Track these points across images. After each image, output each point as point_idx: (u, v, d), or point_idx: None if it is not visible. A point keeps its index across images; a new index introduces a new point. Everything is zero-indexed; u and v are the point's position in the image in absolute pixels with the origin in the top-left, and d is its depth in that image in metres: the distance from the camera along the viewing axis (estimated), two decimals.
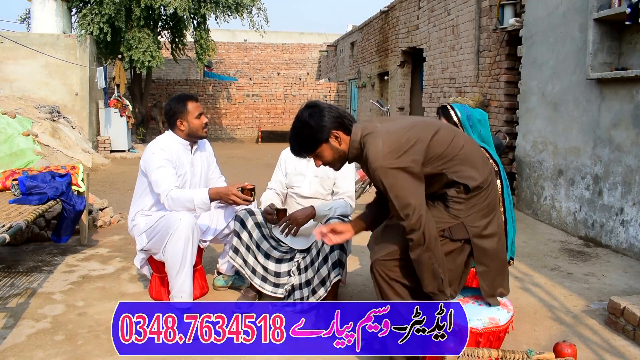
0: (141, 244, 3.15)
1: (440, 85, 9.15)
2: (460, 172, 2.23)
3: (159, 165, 3.00)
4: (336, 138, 2.23)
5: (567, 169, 5.24)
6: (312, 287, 3.01)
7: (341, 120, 2.23)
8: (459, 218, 2.27)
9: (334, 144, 2.24)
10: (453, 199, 2.27)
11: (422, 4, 10.12)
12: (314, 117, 2.21)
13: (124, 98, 12.28)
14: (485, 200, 2.29)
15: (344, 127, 2.24)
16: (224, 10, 13.30)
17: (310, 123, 2.21)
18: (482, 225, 2.29)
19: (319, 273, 2.97)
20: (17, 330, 2.83)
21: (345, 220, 3.05)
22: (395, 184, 2.09)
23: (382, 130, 2.17)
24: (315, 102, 2.29)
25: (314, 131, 2.21)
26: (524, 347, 2.64)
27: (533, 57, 5.81)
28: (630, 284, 3.74)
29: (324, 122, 2.21)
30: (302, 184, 3.27)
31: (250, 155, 12.87)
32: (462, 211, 2.27)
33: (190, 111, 3.11)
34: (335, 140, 2.24)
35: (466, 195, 2.25)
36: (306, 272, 3.07)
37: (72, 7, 12.33)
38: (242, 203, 2.92)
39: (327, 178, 3.23)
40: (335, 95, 18.85)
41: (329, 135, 2.22)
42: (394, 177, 2.09)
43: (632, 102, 4.41)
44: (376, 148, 2.11)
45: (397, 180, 2.09)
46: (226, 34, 25.73)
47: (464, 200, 2.26)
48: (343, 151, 2.26)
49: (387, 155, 2.09)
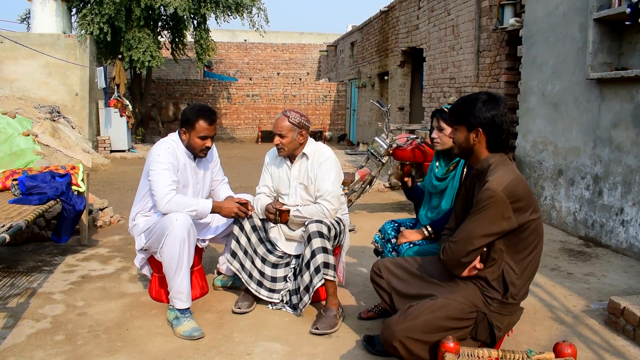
0: (140, 244, 3.16)
1: (440, 85, 9.15)
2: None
3: (162, 168, 3.00)
4: (477, 136, 2.24)
5: (567, 169, 5.24)
6: (299, 294, 3.02)
7: (495, 131, 2.23)
8: (488, 307, 2.25)
9: (470, 137, 2.25)
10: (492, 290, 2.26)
11: (422, 4, 10.12)
12: (486, 105, 2.22)
13: (124, 98, 12.29)
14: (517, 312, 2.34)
15: (491, 138, 2.24)
16: (224, 10, 13.30)
17: (477, 105, 2.23)
18: (505, 323, 2.30)
19: (302, 279, 2.96)
20: (17, 330, 2.83)
21: (324, 222, 2.99)
22: (486, 216, 2.12)
23: (519, 176, 2.19)
24: (500, 98, 2.28)
25: (468, 111, 2.24)
26: (524, 347, 2.64)
27: (533, 57, 5.81)
28: (630, 284, 3.74)
29: (482, 115, 2.21)
30: (289, 191, 3.22)
31: (250, 155, 12.88)
32: (494, 305, 2.25)
33: (197, 129, 3.08)
34: (474, 137, 2.25)
35: (501, 298, 2.25)
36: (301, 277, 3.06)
37: (72, 7, 12.33)
38: (242, 216, 3.13)
39: (311, 184, 3.14)
40: (335, 95, 18.85)
41: (473, 128, 2.24)
42: (493, 210, 2.11)
43: (632, 102, 4.41)
44: (504, 178, 2.14)
45: (490, 214, 2.12)
46: (226, 34, 25.72)
47: (500, 302, 2.25)
48: (471, 149, 2.28)
49: (506, 190, 2.11)
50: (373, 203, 6.59)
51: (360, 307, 3.21)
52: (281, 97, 18.70)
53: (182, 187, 3.15)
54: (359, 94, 16.06)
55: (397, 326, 2.19)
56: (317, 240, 2.91)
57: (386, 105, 5.98)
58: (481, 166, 2.26)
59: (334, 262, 2.96)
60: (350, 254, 4.23)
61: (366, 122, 15.28)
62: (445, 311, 2.19)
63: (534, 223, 2.20)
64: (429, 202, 3.00)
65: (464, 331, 2.23)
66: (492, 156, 2.24)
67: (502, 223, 2.13)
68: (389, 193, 7.21)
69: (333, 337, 2.81)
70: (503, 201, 2.10)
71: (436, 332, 2.15)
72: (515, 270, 2.23)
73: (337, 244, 3.13)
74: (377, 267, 2.57)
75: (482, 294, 2.24)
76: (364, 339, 2.69)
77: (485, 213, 2.12)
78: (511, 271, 2.23)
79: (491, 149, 2.25)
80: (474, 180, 2.32)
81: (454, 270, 2.24)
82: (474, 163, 2.31)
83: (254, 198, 3.33)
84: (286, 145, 3.11)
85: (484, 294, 2.24)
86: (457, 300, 2.21)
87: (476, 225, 2.14)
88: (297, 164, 3.20)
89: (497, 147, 2.25)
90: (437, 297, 2.25)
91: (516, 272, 2.23)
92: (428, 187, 2.99)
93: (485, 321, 2.23)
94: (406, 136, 5.73)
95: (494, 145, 2.24)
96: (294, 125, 3.09)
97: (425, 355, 2.20)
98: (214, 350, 2.65)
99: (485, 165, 2.24)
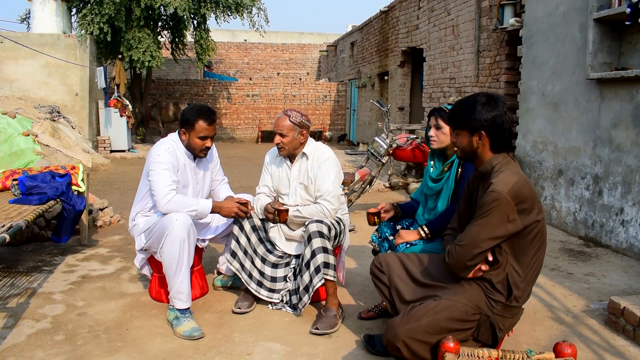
0: (140, 244, 3.16)
1: (440, 85, 9.15)
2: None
3: (161, 168, 3.00)
4: (480, 139, 2.23)
5: (567, 169, 5.24)
6: (299, 294, 3.02)
7: (497, 132, 2.21)
8: (492, 309, 2.24)
9: (474, 141, 2.24)
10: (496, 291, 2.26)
11: (422, 4, 10.12)
12: (486, 106, 2.20)
13: (124, 98, 12.28)
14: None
15: (494, 139, 2.22)
16: (224, 10, 13.30)
17: (477, 107, 2.20)
18: (506, 325, 2.30)
19: (302, 279, 2.96)
20: (17, 330, 2.83)
21: (325, 222, 2.98)
22: (492, 219, 2.11)
23: (524, 178, 2.18)
24: (498, 98, 2.25)
25: (469, 115, 2.22)
26: (524, 347, 2.64)
27: (533, 57, 5.81)
28: (630, 284, 3.74)
29: (483, 117, 2.19)
30: (288, 191, 3.22)
31: (250, 155, 12.88)
32: (497, 307, 2.25)
33: (197, 130, 3.08)
34: (477, 140, 2.23)
35: (505, 301, 2.25)
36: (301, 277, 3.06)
37: (72, 7, 12.33)
38: (242, 216, 3.12)
39: (311, 184, 3.14)
40: (335, 95, 18.85)
41: (475, 132, 2.22)
42: (498, 213, 2.10)
43: (632, 102, 4.41)
44: (509, 180, 2.13)
45: (496, 218, 2.11)
46: (226, 34, 25.72)
47: (503, 305, 2.25)
48: (475, 152, 2.26)
49: (511, 192, 2.10)
50: (373, 203, 6.59)
51: (360, 307, 3.21)
52: (281, 97, 18.69)
53: (182, 187, 3.15)
54: (359, 94, 16.05)
55: (401, 327, 2.19)
56: (317, 240, 2.91)
57: (386, 105, 5.99)
58: (485, 168, 2.25)
59: (334, 262, 2.96)
60: (350, 254, 4.23)
61: (366, 122, 15.28)
62: (449, 313, 2.19)
63: (539, 225, 2.19)
64: (425, 204, 3.01)
65: (466, 333, 2.23)
66: (496, 157, 2.24)
67: (508, 225, 2.13)
68: (389, 193, 7.21)
69: (333, 337, 2.81)
70: (508, 203, 2.09)
71: (439, 334, 2.15)
72: (520, 273, 2.23)
73: (337, 244, 3.13)
74: (379, 262, 2.57)
75: (486, 296, 2.24)
76: (364, 339, 2.69)
77: (491, 216, 2.11)
78: (515, 274, 2.23)
79: (495, 150, 2.24)
80: (477, 181, 2.31)
81: (460, 273, 2.24)
82: (477, 165, 2.30)
83: (254, 198, 3.33)
84: (287, 145, 3.11)
85: (487, 297, 2.24)
86: (460, 302, 2.21)
87: (482, 228, 2.13)
88: (297, 164, 3.20)
89: (501, 147, 2.25)
90: (440, 298, 2.25)
91: (520, 274, 2.23)
92: (424, 189, 3.00)
93: (487, 323, 2.23)
94: (406, 136, 5.74)
95: (497, 145, 2.24)
96: (294, 124, 3.09)
97: (427, 355, 2.20)
98: (214, 350, 2.65)
99: (488, 167, 2.23)
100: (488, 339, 2.26)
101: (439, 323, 2.17)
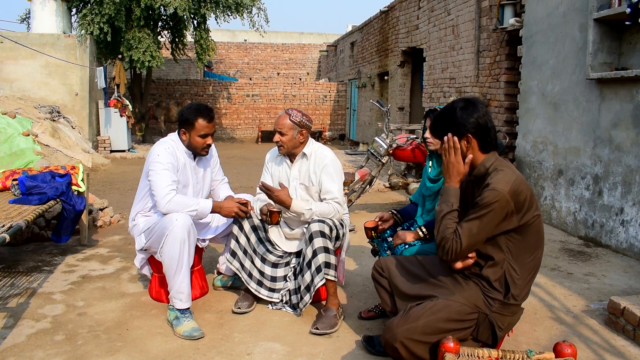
0: (140, 244, 3.16)
1: (440, 85, 9.15)
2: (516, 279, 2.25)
3: (161, 168, 3.00)
4: (468, 142, 2.23)
5: (567, 169, 5.24)
6: (299, 294, 3.02)
7: (483, 132, 2.22)
8: (490, 307, 2.24)
9: (462, 145, 2.23)
10: (493, 287, 2.26)
11: (422, 4, 10.12)
12: (465, 110, 2.22)
13: (124, 98, 12.29)
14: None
15: (481, 140, 2.23)
16: (224, 10, 13.31)
17: (457, 113, 2.22)
18: (505, 324, 2.29)
19: (303, 279, 2.96)
20: (17, 330, 2.83)
21: (326, 222, 2.97)
22: (491, 217, 2.12)
23: (520, 175, 2.20)
24: (476, 100, 2.27)
25: (452, 122, 2.23)
26: (524, 347, 2.64)
27: (533, 57, 5.81)
28: (630, 284, 3.74)
29: (465, 121, 2.21)
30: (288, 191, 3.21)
31: (250, 155, 12.88)
32: (495, 305, 2.25)
33: (197, 128, 3.09)
34: (466, 144, 2.23)
35: (503, 299, 2.25)
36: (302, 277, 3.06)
37: (72, 7, 12.34)
38: (242, 216, 3.12)
39: (312, 186, 3.14)
40: (335, 95, 18.85)
41: (461, 137, 2.22)
42: (498, 211, 2.11)
43: (632, 102, 4.41)
44: (507, 179, 2.14)
45: (494, 216, 2.11)
46: (226, 34, 25.72)
47: (501, 303, 2.24)
48: (466, 156, 2.25)
49: (511, 191, 2.11)
50: (373, 203, 6.59)
51: (360, 307, 3.21)
52: (281, 97, 18.69)
53: (182, 187, 3.15)
54: (359, 94, 16.05)
55: (399, 328, 2.19)
56: (318, 239, 2.91)
57: (386, 105, 5.98)
58: (478, 171, 2.26)
59: (335, 262, 2.96)
60: (350, 254, 4.23)
61: (366, 122, 15.28)
62: (447, 312, 2.19)
63: (537, 221, 2.21)
64: (423, 205, 3.01)
65: (465, 332, 2.23)
66: (488, 159, 2.24)
67: (505, 223, 2.15)
68: (388, 193, 7.20)
69: (333, 337, 2.81)
70: (507, 202, 2.11)
71: (437, 334, 2.15)
72: (517, 271, 2.23)
73: (338, 246, 3.13)
74: (380, 266, 2.57)
75: (483, 295, 2.24)
76: (364, 339, 2.69)
77: (490, 215, 2.11)
78: (513, 272, 2.23)
79: (483, 150, 2.25)
80: (470, 184, 2.31)
81: (451, 264, 2.26)
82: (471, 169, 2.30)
83: (254, 198, 3.33)
84: (285, 143, 3.11)
85: (485, 295, 2.24)
86: (458, 302, 2.22)
87: (479, 225, 2.13)
88: (297, 164, 3.20)
89: (489, 146, 2.26)
90: (438, 298, 2.26)
91: (518, 272, 2.23)
92: (423, 190, 3.00)
93: (486, 322, 2.23)
94: (406, 136, 5.73)
95: (485, 145, 2.25)
96: (294, 123, 3.09)
97: (426, 356, 2.20)
98: (214, 350, 2.65)
99: (482, 170, 2.24)
100: (488, 338, 2.26)
101: (436, 323, 2.18)
